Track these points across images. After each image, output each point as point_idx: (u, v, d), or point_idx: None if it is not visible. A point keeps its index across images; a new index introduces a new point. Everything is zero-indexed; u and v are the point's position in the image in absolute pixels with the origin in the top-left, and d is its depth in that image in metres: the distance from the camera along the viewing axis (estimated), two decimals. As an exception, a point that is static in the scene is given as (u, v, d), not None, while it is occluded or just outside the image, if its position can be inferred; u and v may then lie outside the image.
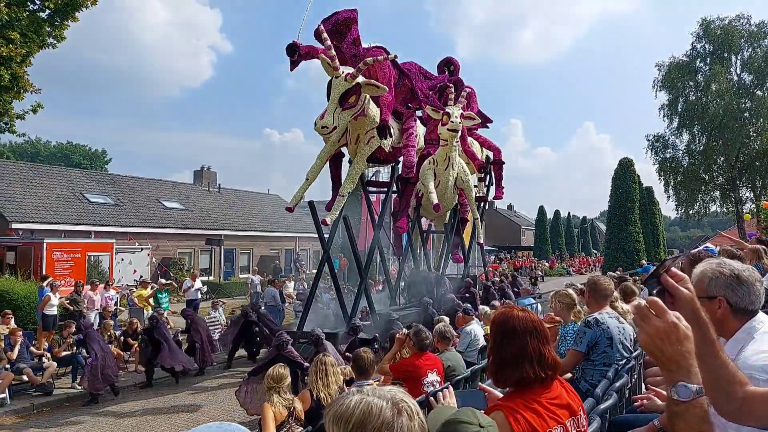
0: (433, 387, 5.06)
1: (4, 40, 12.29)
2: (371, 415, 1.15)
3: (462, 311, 8.88)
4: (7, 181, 21.42)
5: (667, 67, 34.08)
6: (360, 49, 10.48)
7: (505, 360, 2.02)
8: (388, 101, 10.29)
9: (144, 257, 22.37)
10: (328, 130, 9.20)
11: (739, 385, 1.43)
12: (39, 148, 48.89)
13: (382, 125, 10.24)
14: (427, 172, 13.34)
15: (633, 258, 29.53)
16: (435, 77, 12.24)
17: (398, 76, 11.19)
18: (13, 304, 12.81)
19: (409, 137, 11.98)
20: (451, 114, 12.52)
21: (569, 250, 56.28)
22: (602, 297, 4.28)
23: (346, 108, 9.49)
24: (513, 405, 1.94)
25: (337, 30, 10.17)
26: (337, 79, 9.41)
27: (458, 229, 16.21)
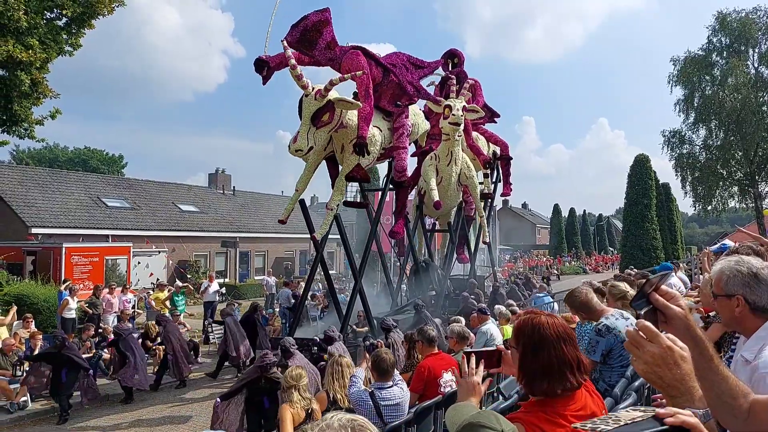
0: (450, 387, 5.04)
1: (24, 46, 12.51)
2: None
3: (477, 311, 8.84)
4: (27, 186, 21.79)
5: (682, 61, 33.58)
6: (336, 50, 9.75)
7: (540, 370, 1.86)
8: (365, 113, 9.61)
9: (161, 260, 22.62)
10: (303, 152, 8.78)
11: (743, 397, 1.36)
12: (57, 153, 49.67)
13: (359, 143, 9.59)
14: (428, 168, 12.81)
15: (650, 255, 29.14)
16: (427, 64, 11.42)
17: (382, 75, 10.51)
18: (34, 307, 13.05)
19: (399, 138, 11.23)
20: (452, 107, 12.01)
21: (585, 248, 55.73)
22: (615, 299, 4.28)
23: (320, 126, 8.97)
24: (535, 420, 1.81)
25: (306, 39, 9.36)
26: (307, 98, 8.87)
27: (463, 227, 15.57)
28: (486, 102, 15.57)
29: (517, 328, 1.99)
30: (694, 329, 1.34)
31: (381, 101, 10.88)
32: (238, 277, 27.50)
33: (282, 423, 4.40)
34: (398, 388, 4.64)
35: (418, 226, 14.97)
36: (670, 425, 1.06)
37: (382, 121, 10.96)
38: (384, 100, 10.96)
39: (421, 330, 5.46)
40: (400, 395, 4.56)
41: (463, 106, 12.25)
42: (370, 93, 9.73)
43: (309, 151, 8.87)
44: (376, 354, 4.71)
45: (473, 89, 14.44)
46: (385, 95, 10.90)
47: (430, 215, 15.71)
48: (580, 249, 53.79)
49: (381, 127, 10.81)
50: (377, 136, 10.54)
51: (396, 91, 10.87)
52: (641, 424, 1.05)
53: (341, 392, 4.73)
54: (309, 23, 9.24)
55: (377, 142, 10.59)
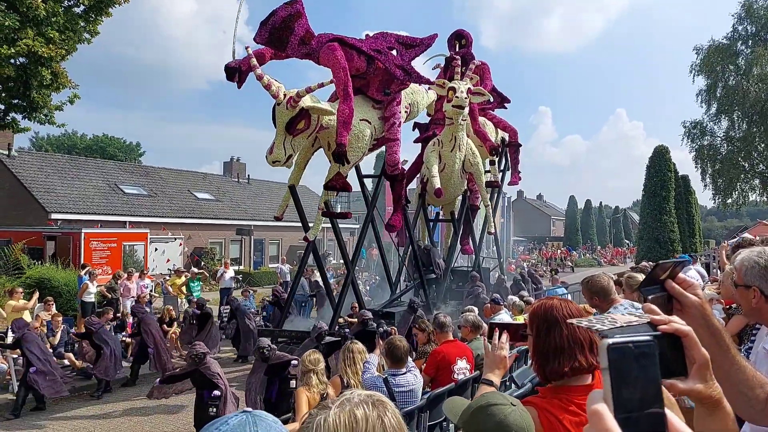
0: (463, 375, 5.05)
1: (44, 38, 12.63)
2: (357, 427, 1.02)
3: (490, 301, 8.82)
4: (46, 173, 22.14)
5: (705, 50, 32.84)
6: (313, 43, 9.10)
7: (552, 350, 1.86)
8: (345, 116, 8.99)
9: (177, 247, 22.88)
10: (282, 162, 8.40)
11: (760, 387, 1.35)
12: (75, 140, 50.25)
13: (338, 151, 8.98)
14: (431, 154, 12.21)
15: (667, 248, 28.79)
16: (420, 41, 10.59)
17: (366, 63, 9.80)
18: (54, 291, 13.31)
19: (391, 128, 10.54)
20: (456, 89, 11.41)
21: (600, 240, 55.24)
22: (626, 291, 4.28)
23: (297, 134, 8.49)
24: (547, 405, 1.81)
25: (276, 37, 8.72)
26: (279, 106, 8.33)
27: (467, 217, 14.84)
28: (495, 86, 14.78)
29: (531, 313, 2.01)
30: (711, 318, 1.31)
31: (369, 89, 10.34)
32: (253, 265, 27.73)
33: (297, 406, 4.46)
34: (412, 374, 4.67)
35: (420, 216, 14.47)
36: (663, 332, 1.04)
37: (371, 111, 10.37)
38: (372, 88, 10.34)
39: (434, 317, 5.52)
40: (413, 382, 4.59)
41: (468, 88, 11.65)
42: (350, 92, 9.11)
43: (288, 160, 8.52)
44: (389, 341, 4.73)
45: (481, 72, 13.78)
46: (373, 83, 10.27)
47: (433, 204, 14.95)
48: (595, 241, 53.31)
49: (370, 119, 10.24)
50: (366, 130, 10.01)
51: (384, 77, 10.18)
52: (636, 328, 1.03)
53: (355, 378, 4.76)
54: (277, 20, 8.59)
55: (366, 137, 10.06)
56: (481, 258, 16.62)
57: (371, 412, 1.03)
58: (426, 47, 10.69)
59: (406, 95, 11.27)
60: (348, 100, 9.04)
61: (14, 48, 12.19)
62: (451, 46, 14.07)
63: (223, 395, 6.09)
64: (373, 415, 1.03)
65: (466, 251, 15.31)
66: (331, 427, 1.00)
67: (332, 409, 1.04)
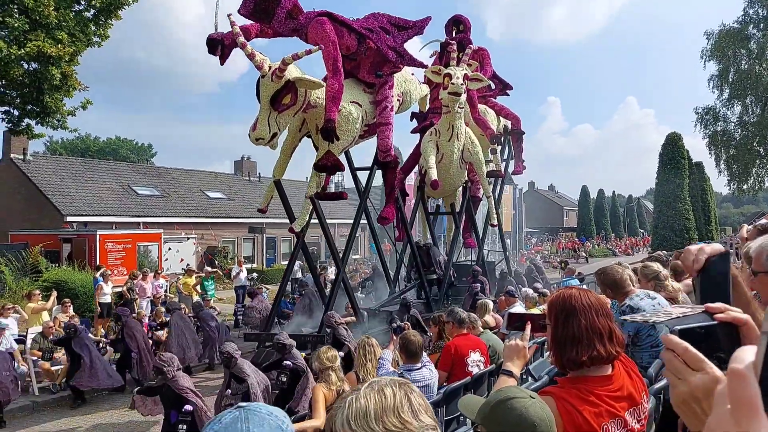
0: (477, 367, 5.04)
1: (53, 40, 12.77)
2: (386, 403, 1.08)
3: (505, 293, 8.80)
4: (61, 176, 22.40)
5: (716, 35, 32.32)
6: (301, 19, 8.60)
7: (570, 339, 1.83)
8: (334, 91, 8.39)
9: (190, 246, 23.08)
10: (266, 140, 7.77)
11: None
12: (89, 143, 50.79)
13: (327, 126, 8.34)
14: (428, 144, 11.68)
15: (683, 237, 28.48)
16: (413, 24, 10.06)
17: (357, 42, 9.28)
18: (71, 293, 13.49)
19: (382, 112, 9.94)
20: (452, 75, 10.90)
21: (615, 230, 54.76)
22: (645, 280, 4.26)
23: (282, 110, 7.87)
24: (566, 395, 1.79)
25: (261, 9, 8.24)
26: (264, 78, 7.77)
27: (469, 209, 14.08)
28: (496, 72, 14.34)
29: (550, 303, 2.00)
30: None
31: (360, 71, 9.79)
32: (265, 263, 27.88)
33: (314, 403, 4.48)
34: (427, 369, 4.67)
35: (419, 209, 13.85)
36: (720, 321, 1.02)
37: (362, 95, 9.85)
38: (363, 71, 9.78)
39: (451, 311, 5.50)
40: (429, 376, 4.59)
41: (464, 74, 11.10)
42: (339, 67, 8.50)
43: (273, 138, 7.93)
44: (404, 336, 4.73)
45: (480, 57, 13.22)
46: (364, 65, 9.73)
47: (433, 197, 14.34)
48: (609, 231, 52.87)
49: (361, 102, 9.71)
50: (355, 112, 9.42)
51: (376, 58, 9.64)
52: (692, 318, 1.04)
53: (373, 373, 4.78)
54: None
55: (356, 120, 9.46)
56: (486, 251, 15.95)
57: (398, 390, 1.11)
58: (419, 30, 10.18)
59: (399, 83, 10.71)
60: (337, 75, 8.47)
61: (24, 49, 12.34)
62: (448, 32, 13.52)
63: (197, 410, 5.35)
64: (400, 393, 1.11)
65: (468, 245, 14.66)
66: (362, 403, 1.08)
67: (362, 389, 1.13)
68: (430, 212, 14.77)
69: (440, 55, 12.92)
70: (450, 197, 14.11)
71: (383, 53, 9.37)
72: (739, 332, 1.01)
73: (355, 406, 1.09)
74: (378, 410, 1.07)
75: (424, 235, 14.85)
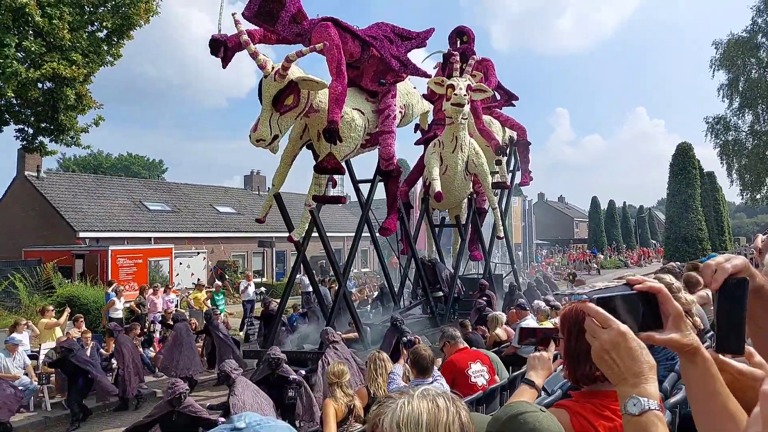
0: (482, 377, 4.98)
1: (68, 62, 13.02)
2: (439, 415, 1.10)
3: (516, 307, 8.73)
4: (74, 192, 22.68)
5: (725, 44, 32.26)
6: (305, 24, 8.50)
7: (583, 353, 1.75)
8: (337, 93, 8.22)
9: (200, 261, 23.19)
10: (266, 142, 7.60)
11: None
12: (101, 160, 51.43)
13: (330, 128, 8.15)
14: (431, 156, 11.58)
15: (696, 247, 28.19)
16: (416, 35, 9.94)
17: (361, 50, 9.18)
18: (84, 308, 13.59)
19: (385, 121, 9.78)
20: (455, 86, 10.83)
21: (626, 241, 54.26)
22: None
23: (284, 111, 7.75)
24: (580, 409, 1.77)
25: (266, 11, 8.17)
26: (266, 78, 7.66)
27: (475, 221, 13.86)
28: (501, 83, 14.26)
29: (563, 317, 1.98)
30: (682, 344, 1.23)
31: (362, 80, 9.66)
32: (275, 276, 27.92)
33: (325, 418, 4.45)
34: (438, 383, 4.63)
35: (423, 221, 13.58)
36: (639, 291, 1.17)
37: (364, 103, 9.70)
38: (366, 79, 9.64)
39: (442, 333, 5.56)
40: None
41: (467, 85, 11.03)
42: (343, 70, 8.39)
43: (274, 141, 7.71)
44: (415, 350, 4.69)
45: (485, 68, 13.20)
46: (367, 73, 9.60)
47: (438, 209, 14.14)
48: (621, 242, 52.40)
49: (363, 110, 9.55)
50: (358, 119, 9.28)
51: (379, 67, 9.51)
52: (614, 289, 1.20)
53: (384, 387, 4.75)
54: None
55: (358, 127, 9.29)
56: (493, 264, 15.70)
57: (451, 406, 1.13)
58: (422, 41, 10.08)
59: (401, 95, 10.55)
60: (341, 77, 8.33)
61: (40, 71, 12.59)
62: (452, 43, 13.40)
63: None
64: (453, 408, 1.13)
65: (474, 257, 14.30)
66: (414, 409, 1.09)
67: (414, 394, 1.13)
68: (436, 225, 14.55)
69: (443, 66, 12.84)
70: (455, 209, 13.88)
71: (387, 61, 9.29)
72: (657, 299, 1.17)
73: (406, 410, 1.09)
74: (431, 421, 1.08)
75: (429, 249, 14.64)
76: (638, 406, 1.10)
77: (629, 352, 1.13)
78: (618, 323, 1.13)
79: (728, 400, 1.14)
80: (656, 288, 1.16)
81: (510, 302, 12.02)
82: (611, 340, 1.13)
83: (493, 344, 7.73)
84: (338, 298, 9.77)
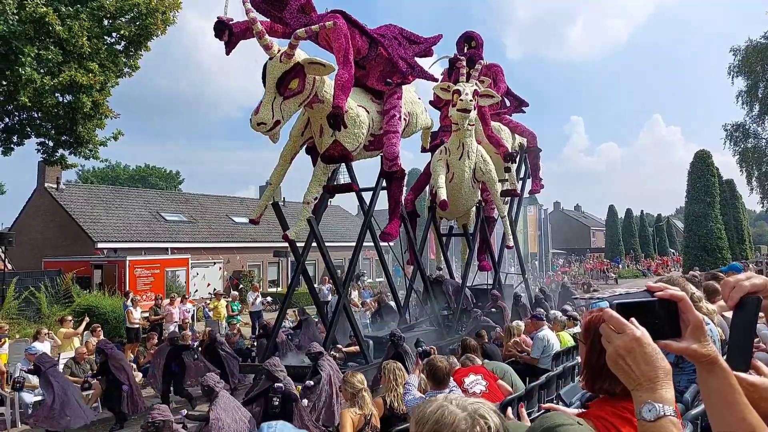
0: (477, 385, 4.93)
1: (85, 70, 13.30)
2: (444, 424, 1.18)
3: (531, 317, 8.63)
4: (92, 204, 23.05)
5: (743, 51, 31.86)
6: (313, 15, 8.26)
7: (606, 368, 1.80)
8: (343, 80, 7.86)
9: (216, 271, 23.35)
10: (267, 126, 7.16)
11: None
12: (119, 171, 52.22)
13: (334, 113, 7.69)
14: (437, 163, 11.32)
15: (715, 256, 27.76)
16: (424, 39, 9.71)
17: (368, 47, 8.89)
18: (102, 318, 13.74)
19: (390, 121, 9.43)
20: (461, 91, 10.59)
21: (644, 250, 53.53)
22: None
23: (288, 96, 7.38)
24: (602, 413, 1.76)
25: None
26: (272, 60, 7.29)
27: (483, 230, 13.42)
28: (510, 89, 13.95)
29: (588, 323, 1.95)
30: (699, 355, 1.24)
31: (368, 79, 9.39)
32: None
33: (342, 428, 4.43)
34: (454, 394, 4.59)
35: (430, 230, 13.10)
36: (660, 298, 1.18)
37: (369, 103, 9.37)
38: (372, 79, 9.37)
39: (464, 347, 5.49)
40: (456, 402, 4.50)
41: (474, 90, 10.74)
42: (350, 59, 8.09)
43: (275, 126, 7.30)
44: (430, 361, 4.65)
45: (494, 74, 12.96)
46: (373, 73, 9.33)
47: (446, 217, 13.74)
48: (639, 251, 51.70)
49: (368, 109, 9.20)
50: (363, 116, 8.91)
51: (386, 67, 9.25)
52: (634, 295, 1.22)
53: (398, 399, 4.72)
54: None
55: (363, 124, 8.90)
56: (504, 274, 15.22)
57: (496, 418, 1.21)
58: (429, 46, 9.83)
59: (406, 103, 10.17)
60: (348, 66, 8.01)
61: (57, 79, 12.86)
62: (460, 49, 13.10)
63: None
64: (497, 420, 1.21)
65: (483, 268, 13.76)
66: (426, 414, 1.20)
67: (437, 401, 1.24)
68: (443, 234, 14.15)
69: (449, 71, 12.52)
70: (463, 218, 13.49)
71: (394, 62, 9.04)
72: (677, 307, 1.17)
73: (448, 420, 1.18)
74: None
75: (438, 258, 14.25)
76: (653, 411, 1.11)
77: (644, 357, 1.13)
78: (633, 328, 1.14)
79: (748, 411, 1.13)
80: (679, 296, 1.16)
81: (515, 313, 11.79)
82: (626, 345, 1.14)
83: (510, 354, 7.65)
84: (338, 309, 9.30)
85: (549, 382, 5.48)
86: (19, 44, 12.19)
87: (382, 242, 10.78)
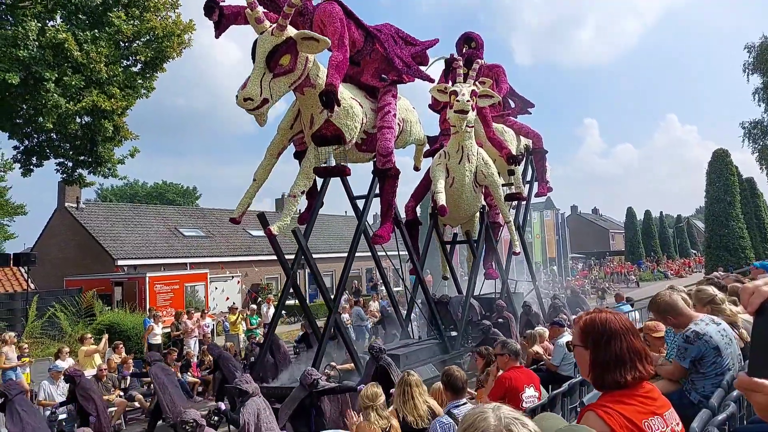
0: (532, 402, 4.87)
1: (106, 95, 13.57)
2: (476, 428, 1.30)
3: (551, 324, 8.52)
4: (112, 222, 23.40)
5: (758, 48, 31.42)
6: (308, 4, 8.06)
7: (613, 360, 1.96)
8: (338, 61, 7.51)
9: (235, 285, 23.50)
10: (255, 103, 6.63)
11: None
12: (137, 189, 52.98)
13: (327, 91, 7.27)
14: (436, 168, 10.93)
15: (738, 256, 27.17)
16: (420, 42, 9.42)
17: (364, 41, 8.63)
18: (123, 335, 13.90)
19: (384, 117, 9.02)
20: (458, 92, 10.22)
21: (665, 251, 52.67)
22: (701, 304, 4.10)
23: (279, 73, 6.90)
24: (602, 402, 1.93)
25: None
26: (263, 35, 6.87)
27: (489, 236, 12.72)
28: (514, 89, 13.54)
29: (585, 326, 2.07)
30: None
31: (363, 75, 9.08)
32: (308, 297, 28.08)
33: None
34: (472, 404, 4.55)
35: (432, 238, 12.50)
36: None
37: (363, 99, 9.00)
38: (367, 75, 9.07)
39: (504, 344, 5.33)
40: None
41: (471, 90, 10.34)
42: (345, 42, 7.80)
43: (263, 105, 6.76)
44: (447, 372, 4.62)
45: (496, 75, 12.60)
46: (368, 69, 9.05)
47: (448, 224, 13.11)
48: (660, 253, 50.88)
49: (362, 104, 8.82)
50: (356, 108, 8.44)
51: (381, 65, 9.00)
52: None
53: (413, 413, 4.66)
54: None
55: (356, 116, 8.39)
56: (513, 282, 14.48)
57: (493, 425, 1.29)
58: (424, 48, 9.59)
59: (400, 110, 9.69)
60: (342, 48, 7.70)
61: (80, 104, 13.15)
62: (459, 49, 12.71)
63: None
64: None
65: (490, 276, 13.03)
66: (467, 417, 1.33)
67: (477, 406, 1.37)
68: (447, 241, 13.52)
69: (445, 72, 12.07)
70: (466, 224, 12.93)
71: (390, 58, 8.77)
72: None
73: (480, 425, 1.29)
74: None
75: (443, 269, 13.53)
76: None
77: None
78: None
79: None
80: None
81: (527, 323, 11.31)
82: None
83: (532, 362, 7.56)
84: (328, 326, 8.67)
85: (572, 389, 5.39)
86: (39, 69, 12.49)
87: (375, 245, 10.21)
